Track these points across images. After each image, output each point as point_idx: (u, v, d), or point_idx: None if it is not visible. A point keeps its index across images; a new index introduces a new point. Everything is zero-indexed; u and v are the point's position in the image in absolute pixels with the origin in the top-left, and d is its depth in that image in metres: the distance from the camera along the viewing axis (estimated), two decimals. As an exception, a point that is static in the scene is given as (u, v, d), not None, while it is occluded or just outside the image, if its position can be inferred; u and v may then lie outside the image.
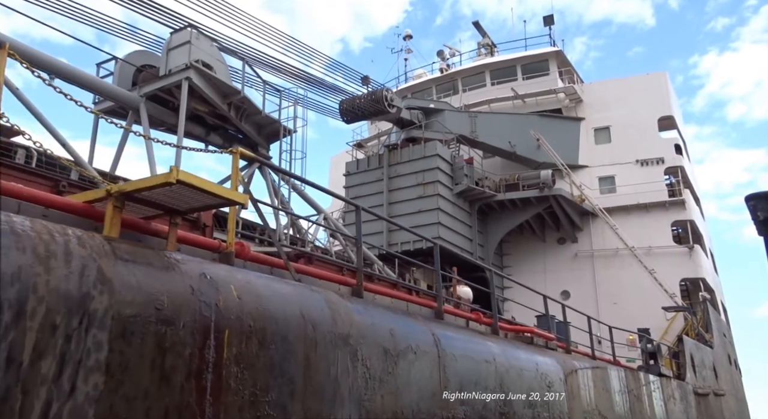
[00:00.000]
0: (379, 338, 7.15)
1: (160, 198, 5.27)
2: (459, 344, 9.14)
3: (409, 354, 7.64)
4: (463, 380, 8.76)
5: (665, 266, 33.09)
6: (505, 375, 9.98)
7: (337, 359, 6.33)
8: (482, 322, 11.88)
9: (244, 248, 6.71)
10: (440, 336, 8.58)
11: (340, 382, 6.28)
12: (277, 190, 23.74)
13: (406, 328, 7.92)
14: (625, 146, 36.37)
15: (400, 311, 8.56)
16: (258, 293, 5.56)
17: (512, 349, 11.16)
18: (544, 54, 38.59)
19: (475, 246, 33.74)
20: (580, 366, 13.64)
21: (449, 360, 8.52)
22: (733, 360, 36.49)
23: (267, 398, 5.31)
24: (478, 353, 9.54)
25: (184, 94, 19.47)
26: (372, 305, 7.75)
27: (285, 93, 24.95)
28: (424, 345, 8.06)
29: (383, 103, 30.65)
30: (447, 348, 8.56)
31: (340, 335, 6.48)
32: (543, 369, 11.57)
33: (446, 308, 10.98)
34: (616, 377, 15.84)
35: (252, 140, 23.75)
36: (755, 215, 5.46)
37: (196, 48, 20.47)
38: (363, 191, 32.97)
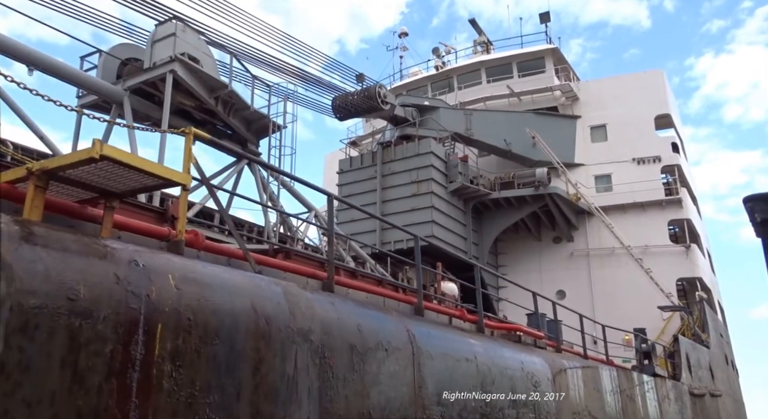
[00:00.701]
0: (345, 334, 6.62)
1: (91, 178, 4.75)
2: (437, 341, 8.60)
3: (380, 351, 7.11)
4: (440, 379, 8.23)
5: (662, 266, 32.58)
6: (487, 374, 9.45)
7: (295, 356, 5.79)
8: (467, 319, 11.34)
9: (197, 236, 6.18)
10: (416, 332, 8.05)
11: (297, 381, 5.74)
12: (266, 186, 23.26)
13: (377, 324, 7.39)
14: (622, 144, 35.83)
15: (373, 306, 8.03)
16: (202, 284, 5.03)
17: (496, 347, 10.63)
18: (540, 51, 38.05)
19: (470, 245, 33.20)
20: (569, 365, 13.11)
21: (425, 358, 7.99)
22: (730, 360, 35.94)
23: (208, 399, 4.77)
24: (458, 351, 9.01)
25: (169, 87, 18.96)
26: (341, 300, 7.21)
27: (275, 88, 24.47)
28: (397, 342, 7.52)
29: (376, 99, 30.12)
30: (423, 346, 8.03)
31: (300, 330, 5.94)
32: (529, 369, 11.04)
33: (428, 305, 10.45)
34: (608, 377, 15.31)
35: (241, 135, 23.28)
36: (753, 217, 5.33)
37: (182, 41, 19.95)
38: (356, 189, 32.45)
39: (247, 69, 23.72)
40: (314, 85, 32.07)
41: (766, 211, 5.17)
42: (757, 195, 5.35)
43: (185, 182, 5.06)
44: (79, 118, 20.30)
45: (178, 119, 21.22)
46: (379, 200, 31.56)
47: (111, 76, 20.47)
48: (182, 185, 5.08)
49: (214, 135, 22.36)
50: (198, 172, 6.09)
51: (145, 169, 4.55)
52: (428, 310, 10.40)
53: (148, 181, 4.85)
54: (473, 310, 14.25)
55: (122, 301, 4.26)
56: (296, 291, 6.29)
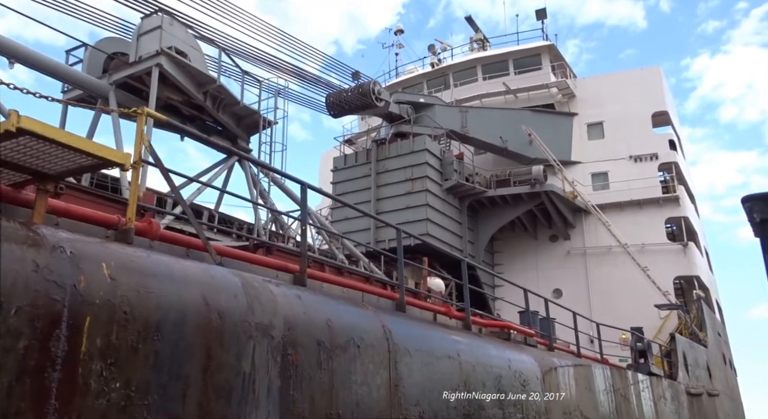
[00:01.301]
0: (312, 329, 6.16)
1: (21, 158, 4.29)
2: (417, 338, 8.15)
3: (351, 347, 6.65)
4: (419, 377, 7.77)
5: (659, 264, 32.11)
6: (471, 372, 8.99)
7: (252, 353, 5.33)
8: (453, 316, 10.88)
9: (151, 225, 5.71)
10: (393, 328, 7.58)
11: (255, 380, 5.29)
12: (257, 183, 22.80)
13: (349, 319, 6.93)
14: (619, 141, 35.37)
15: (347, 301, 7.56)
16: (143, 274, 4.57)
17: (482, 345, 10.18)
18: (537, 48, 37.57)
19: (465, 243, 32.72)
20: (560, 363, 12.64)
21: (402, 355, 7.53)
22: (728, 359, 35.45)
23: (146, 400, 4.32)
24: (440, 348, 8.55)
25: (155, 81, 18.49)
26: (310, 293, 6.75)
27: (266, 84, 24.00)
28: (371, 338, 7.06)
29: (370, 96, 29.66)
30: (400, 342, 7.57)
31: (259, 325, 5.48)
32: (517, 367, 10.58)
33: (411, 301, 10.00)
34: (602, 375, 14.85)
35: (231, 131, 22.83)
36: (752, 217, 5.19)
37: (168, 34, 19.48)
38: (350, 186, 31.99)
39: (236, 64, 23.22)
40: (308, 82, 31.56)
41: (765, 211, 5.06)
42: (756, 195, 5.23)
43: (123, 161, 4.59)
44: (64, 112, 19.90)
45: (166, 114, 20.73)
46: (373, 198, 31.10)
47: (97, 70, 19.99)
48: (120, 165, 4.62)
49: (202, 131, 21.93)
50: (150, 154, 5.63)
51: (73, 145, 4.09)
52: (412, 306, 9.95)
53: (83, 161, 4.39)
54: (458, 305, 13.82)
55: (41, 291, 3.80)
56: (258, 284, 5.83)
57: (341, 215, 31.66)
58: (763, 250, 5.14)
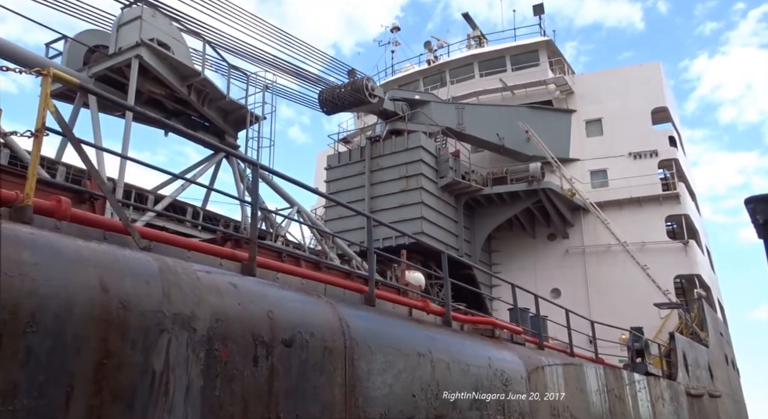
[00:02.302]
0: (247, 321, 5.39)
1: None
2: (380, 333, 7.37)
3: (297, 343, 5.88)
4: (381, 376, 7.00)
5: (659, 263, 31.29)
6: (444, 371, 8.23)
7: (167, 348, 4.57)
8: (431, 311, 10.10)
9: (60, 204, 4.96)
10: (352, 322, 6.81)
11: (168, 380, 4.53)
12: (244, 179, 22.11)
13: (297, 311, 6.15)
14: (618, 138, 34.55)
15: (298, 291, 6.78)
16: (18, 255, 3.82)
17: (460, 341, 9.40)
18: (534, 44, 36.78)
19: (461, 242, 31.95)
20: (548, 362, 11.86)
21: (362, 352, 6.75)
22: (730, 360, 34.55)
23: (12, 406, 3.56)
24: (409, 345, 7.78)
25: (134, 73, 17.81)
26: (253, 282, 5.99)
27: (255, 79, 23.29)
28: (323, 333, 6.29)
29: (363, 92, 28.96)
30: (360, 337, 6.79)
31: (177, 316, 4.71)
32: (499, 366, 9.80)
33: (383, 295, 9.24)
34: (594, 375, 14.05)
35: (218, 127, 22.14)
36: (755, 219, 5.08)
37: (151, 25, 18.79)
38: (344, 185, 31.28)
39: (223, 58, 22.56)
40: (300, 78, 30.86)
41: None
42: (759, 196, 5.09)
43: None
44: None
45: (150, 108, 20.06)
46: (367, 196, 30.39)
47: (77, 63, 19.32)
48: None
49: (188, 126, 21.22)
50: (57, 120, 4.89)
51: None
52: (383, 300, 9.20)
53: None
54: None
55: None
56: (182, 269, 5.07)
57: (335, 214, 30.95)
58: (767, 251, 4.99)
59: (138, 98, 19.68)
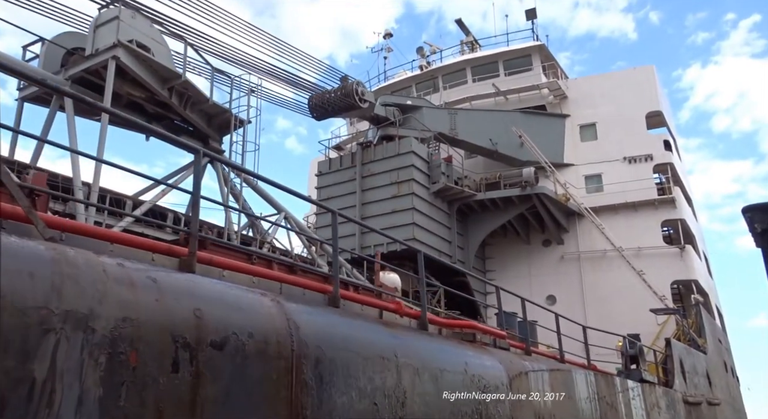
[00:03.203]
0: (165, 320, 4.68)
1: None
2: (337, 336, 6.66)
3: (231, 345, 5.17)
4: (335, 383, 6.29)
5: (655, 268, 30.54)
6: (412, 376, 7.51)
7: (53, 351, 3.86)
8: (404, 314, 9.39)
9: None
10: (303, 323, 6.10)
11: (55, 388, 3.82)
12: (232, 186, 21.44)
13: (234, 310, 5.44)
14: (612, 142, 33.91)
15: (238, 287, 6.04)
16: None
17: (432, 345, 8.68)
18: (527, 48, 36.16)
19: (455, 249, 31.23)
20: (533, 367, 11.11)
21: (313, 356, 6.04)
22: (729, 367, 33.70)
23: None
24: (372, 348, 7.06)
25: (110, 74, 17.14)
26: (182, 278, 5.29)
27: (239, 82, 22.59)
28: (265, 335, 5.57)
29: (353, 97, 28.29)
30: (311, 340, 6.08)
31: (70, 313, 4.01)
32: (477, 371, 9.06)
33: (351, 296, 8.55)
34: (584, 381, 13.29)
35: (202, 131, 21.49)
36: (753, 227, 4.99)
37: (129, 26, 18.14)
38: (335, 191, 30.59)
39: (207, 61, 21.88)
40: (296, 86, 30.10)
41: (766, 221, 4.85)
42: (757, 205, 5.04)
43: None
44: (19, 110, 18.57)
45: (130, 112, 19.41)
46: (358, 202, 29.69)
47: (55, 66, 18.68)
48: None
49: (171, 131, 20.53)
50: None
51: None
52: (353, 302, 8.50)
53: None
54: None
55: None
56: (83, 261, 4.37)
57: (326, 221, 30.18)
58: (765, 260, 4.94)
59: (117, 101, 19.05)
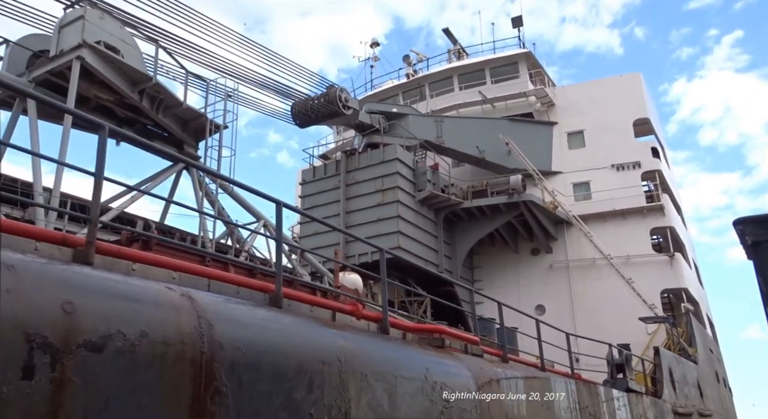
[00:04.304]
0: (17, 316, 3.82)
1: None
2: (265, 337, 5.78)
3: (114, 347, 4.30)
4: (257, 389, 5.41)
5: (645, 277, 29.72)
6: (359, 383, 6.65)
7: None
8: (362, 317, 8.52)
9: None
10: (219, 321, 5.23)
11: None
12: (209, 192, 20.61)
13: (121, 304, 4.57)
14: (600, 150, 33.17)
15: (135, 277, 5.16)
16: None
17: (388, 349, 7.82)
18: (513, 56, 35.49)
19: (441, 258, 30.34)
20: (506, 375, 10.23)
21: (228, 359, 5.17)
22: (721, 377, 32.76)
23: None
24: (311, 351, 6.19)
25: (75, 75, 16.32)
26: (52, 266, 4.42)
27: (215, 87, 21.79)
28: (165, 335, 4.70)
29: (337, 103, 27.51)
30: (228, 341, 5.21)
31: None
32: (439, 378, 8.19)
33: (298, 295, 7.68)
34: (564, 390, 12.40)
35: (176, 137, 20.66)
36: (743, 240, 4.95)
37: (95, 26, 17.34)
38: (319, 200, 29.73)
39: (181, 65, 21.07)
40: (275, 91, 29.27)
41: (757, 233, 4.79)
42: (747, 218, 4.99)
43: None
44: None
45: (99, 116, 18.59)
46: (342, 211, 28.85)
47: (20, 68, 17.87)
48: None
49: (144, 136, 19.70)
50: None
51: None
52: (301, 302, 7.64)
53: None
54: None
55: None
56: None
57: (310, 230, 29.37)
58: (757, 272, 4.87)
59: (85, 105, 18.26)
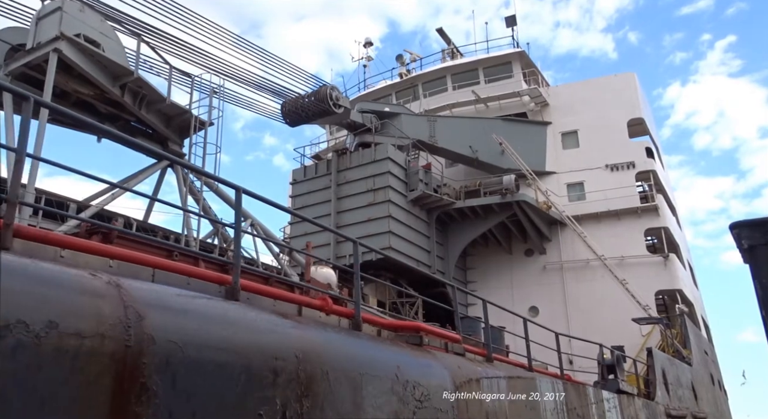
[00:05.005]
0: None
1: None
2: (208, 331, 5.23)
3: (10, 338, 3.75)
4: (195, 387, 4.86)
5: (639, 278, 29.17)
6: (319, 381, 6.11)
7: None
8: (332, 312, 7.98)
9: None
10: (149, 312, 4.69)
11: None
12: (187, 187, 20.05)
13: (22, 291, 4.01)
14: (594, 150, 32.69)
15: (53, 265, 4.61)
16: None
17: (355, 346, 7.27)
18: (507, 55, 34.99)
19: (434, 258, 29.79)
20: (487, 374, 9.67)
21: (160, 354, 4.63)
22: (716, 380, 32.19)
23: None
24: (261, 346, 5.65)
25: (51, 68, 15.75)
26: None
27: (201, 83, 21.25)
28: (80, 325, 4.15)
29: (327, 102, 26.95)
30: (160, 334, 4.67)
31: None
32: (411, 377, 7.65)
33: (260, 288, 7.14)
34: (551, 391, 11.85)
35: (161, 133, 20.14)
36: (740, 244, 4.85)
37: (74, 19, 16.78)
38: (310, 200, 29.21)
39: (165, 60, 20.57)
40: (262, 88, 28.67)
41: (753, 237, 4.75)
42: (744, 222, 4.97)
43: None
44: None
45: (80, 112, 18.08)
46: (333, 210, 28.31)
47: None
48: None
49: (127, 132, 19.17)
50: None
51: None
52: (264, 296, 7.10)
53: None
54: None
55: None
56: None
57: (300, 230, 28.82)
58: (753, 276, 4.82)
59: (65, 100, 17.78)
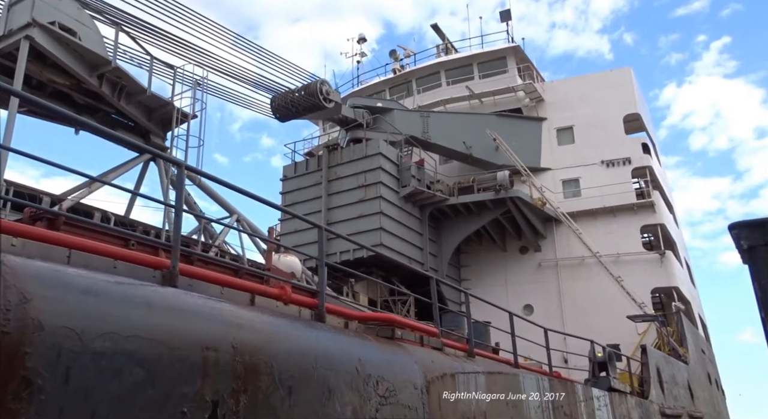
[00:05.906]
0: None
1: None
2: (118, 316, 4.57)
3: None
4: (98, 381, 4.23)
5: (635, 275, 28.51)
6: (262, 375, 5.47)
7: None
8: (292, 301, 7.36)
9: None
10: (38, 295, 4.05)
11: None
12: (167, 180, 19.43)
13: None
14: (590, 146, 32.03)
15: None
16: None
17: (310, 337, 6.61)
18: (502, 50, 34.36)
19: (426, 256, 29.13)
20: (464, 369, 9.03)
21: (49, 342, 3.99)
22: (714, 379, 31.50)
23: None
24: (192, 335, 5.01)
25: (23, 56, 15.11)
26: None
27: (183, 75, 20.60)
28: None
29: (317, 96, 26.29)
30: (50, 319, 4.02)
31: None
32: (375, 371, 7.00)
33: (201, 273, 6.49)
34: (535, 388, 11.20)
35: (142, 126, 19.52)
36: (739, 244, 4.47)
37: (49, 6, 16.17)
38: (300, 196, 28.60)
39: (146, 51, 19.90)
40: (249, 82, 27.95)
41: (752, 238, 4.37)
42: (743, 222, 4.62)
43: None
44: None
45: (56, 102, 17.47)
46: (324, 207, 27.69)
47: (-30, 53, 16.76)
48: None
49: (107, 125, 18.57)
50: None
51: None
52: (209, 282, 6.47)
53: None
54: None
55: None
56: None
57: (290, 227, 28.21)
58: (752, 277, 4.57)
59: (41, 90, 17.14)
